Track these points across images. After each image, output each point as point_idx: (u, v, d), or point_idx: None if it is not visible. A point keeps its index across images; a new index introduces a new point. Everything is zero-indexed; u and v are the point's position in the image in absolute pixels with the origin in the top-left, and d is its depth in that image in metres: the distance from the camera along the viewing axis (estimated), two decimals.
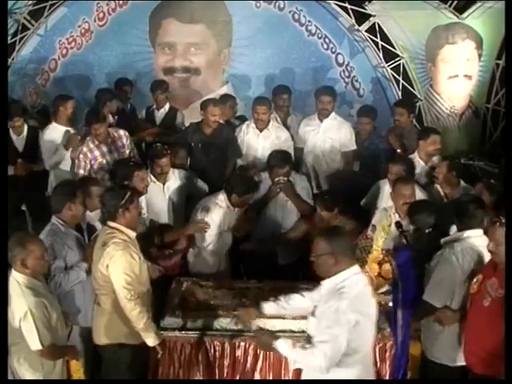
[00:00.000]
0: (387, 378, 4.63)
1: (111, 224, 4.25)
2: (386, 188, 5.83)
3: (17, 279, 3.91)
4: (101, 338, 4.35)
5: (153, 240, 5.28)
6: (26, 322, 3.83)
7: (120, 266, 4.10)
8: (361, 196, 6.08)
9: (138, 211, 4.40)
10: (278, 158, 5.84)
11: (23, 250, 3.88)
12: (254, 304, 4.68)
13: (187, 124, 7.20)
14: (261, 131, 6.64)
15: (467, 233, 4.28)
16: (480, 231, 4.23)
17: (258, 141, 6.62)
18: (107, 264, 4.12)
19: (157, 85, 7.56)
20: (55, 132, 6.66)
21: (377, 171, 6.15)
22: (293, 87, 7.61)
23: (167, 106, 7.50)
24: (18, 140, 6.64)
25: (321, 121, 6.79)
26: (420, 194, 5.44)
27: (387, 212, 4.76)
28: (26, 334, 3.86)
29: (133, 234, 4.29)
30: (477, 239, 4.23)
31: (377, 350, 4.59)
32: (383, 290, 4.66)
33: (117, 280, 4.12)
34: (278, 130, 6.71)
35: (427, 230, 4.71)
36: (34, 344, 3.87)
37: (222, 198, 5.45)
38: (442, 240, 4.45)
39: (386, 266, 4.53)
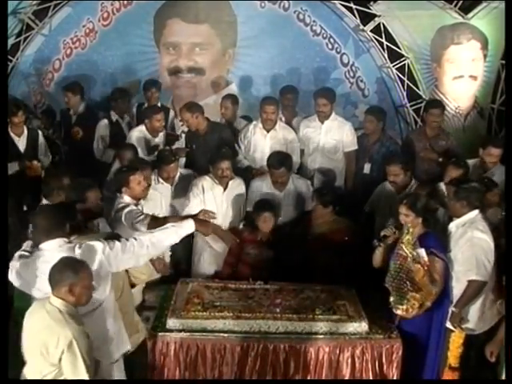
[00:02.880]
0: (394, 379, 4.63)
1: None
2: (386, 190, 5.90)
3: (57, 306, 3.56)
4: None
5: None
6: (71, 352, 3.47)
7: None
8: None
9: None
10: (274, 160, 5.96)
11: (74, 277, 3.57)
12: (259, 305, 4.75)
13: (176, 122, 7.54)
14: (268, 131, 6.66)
15: (476, 211, 4.76)
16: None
17: (265, 141, 6.64)
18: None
19: (151, 83, 7.65)
20: (139, 135, 6.72)
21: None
22: (298, 87, 7.60)
23: (159, 105, 7.57)
24: (19, 141, 6.62)
25: (321, 122, 6.80)
26: None
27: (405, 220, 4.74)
28: (70, 366, 3.49)
29: None
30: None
31: (383, 351, 4.60)
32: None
33: None
34: (285, 131, 6.72)
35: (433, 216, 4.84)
36: (82, 376, 3.50)
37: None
38: (455, 224, 4.80)
39: (422, 271, 4.58)
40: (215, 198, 5.82)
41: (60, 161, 7.35)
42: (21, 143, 6.64)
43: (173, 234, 4.14)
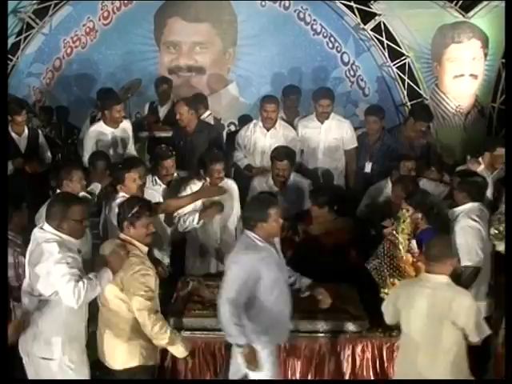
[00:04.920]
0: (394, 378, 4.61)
1: (122, 236, 4.16)
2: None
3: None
4: (117, 363, 4.12)
5: None
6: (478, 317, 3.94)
7: (137, 285, 3.96)
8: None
9: (147, 228, 4.18)
10: (279, 152, 5.97)
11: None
12: None
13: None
14: (268, 130, 6.62)
15: (477, 203, 4.89)
16: None
17: (266, 140, 6.60)
18: (124, 283, 3.97)
19: (162, 81, 7.66)
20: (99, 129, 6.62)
21: (390, 171, 6.11)
22: (298, 86, 7.59)
23: (170, 103, 7.56)
24: (20, 140, 6.62)
25: (321, 122, 6.79)
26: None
27: (403, 212, 4.80)
28: (477, 328, 3.94)
29: (145, 249, 4.16)
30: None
31: (384, 350, 4.59)
32: None
33: (135, 299, 3.96)
34: (286, 129, 6.69)
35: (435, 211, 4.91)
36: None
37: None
38: (454, 211, 4.90)
39: (417, 264, 4.64)
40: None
41: (61, 159, 7.34)
42: (22, 142, 6.64)
43: None
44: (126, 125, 6.72)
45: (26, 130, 6.65)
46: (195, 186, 5.64)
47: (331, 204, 5.55)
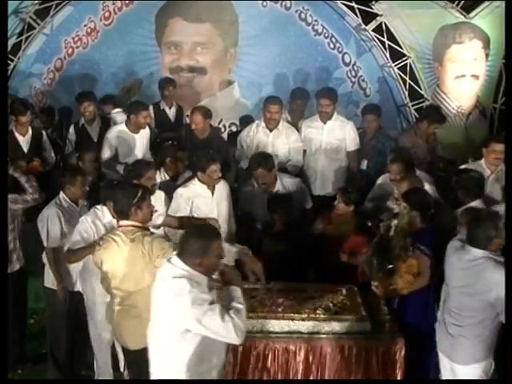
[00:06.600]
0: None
1: (125, 223, 4.26)
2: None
3: None
4: (136, 343, 4.08)
5: None
6: None
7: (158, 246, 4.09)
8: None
9: (150, 209, 4.38)
10: (253, 160, 5.94)
11: None
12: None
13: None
14: (271, 131, 6.62)
15: (477, 201, 5.09)
16: None
17: (268, 140, 6.59)
18: (157, 256, 4.01)
19: (167, 81, 7.65)
20: (119, 133, 6.67)
21: (385, 169, 6.12)
22: (299, 87, 7.59)
23: (175, 104, 7.59)
24: (23, 141, 6.63)
25: (324, 122, 6.79)
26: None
27: (401, 208, 4.84)
28: None
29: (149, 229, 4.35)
30: None
31: (386, 351, 4.57)
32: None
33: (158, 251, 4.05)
34: (288, 130, 6.69)
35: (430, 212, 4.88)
36: None
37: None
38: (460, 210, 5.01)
39: (410, 261, 4.69)
40: (206, 205, 5.69)
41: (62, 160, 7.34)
42: (25, 143, 6.64)
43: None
44: (146, 131, 6.78)
45: (30, 131, 6.66)
46: (191, 191, 5.66)
47: (358, 203, 5.58)
